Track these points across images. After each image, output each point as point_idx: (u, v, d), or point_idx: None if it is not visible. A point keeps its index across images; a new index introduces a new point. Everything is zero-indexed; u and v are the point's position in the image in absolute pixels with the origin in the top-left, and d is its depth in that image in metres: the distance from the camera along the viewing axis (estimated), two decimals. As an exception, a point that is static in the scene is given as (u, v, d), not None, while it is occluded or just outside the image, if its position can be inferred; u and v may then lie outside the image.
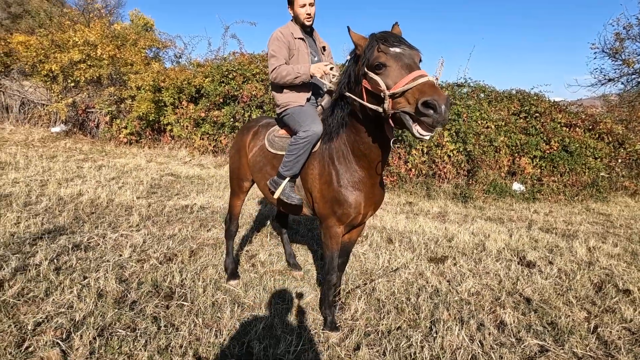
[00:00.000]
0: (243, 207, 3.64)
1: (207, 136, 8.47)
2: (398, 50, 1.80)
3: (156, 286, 2.70)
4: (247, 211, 4.84)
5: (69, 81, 8.70)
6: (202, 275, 2.94)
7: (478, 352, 2.23)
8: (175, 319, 2.34)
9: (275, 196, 2.46)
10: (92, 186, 5.12)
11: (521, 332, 2.49)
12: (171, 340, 2.12)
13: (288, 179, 2.42)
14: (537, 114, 8.26)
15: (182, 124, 8.50)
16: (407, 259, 3.63)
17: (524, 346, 2.33)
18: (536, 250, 4.16)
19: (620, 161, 8.49)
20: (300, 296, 2.78)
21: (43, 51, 8.63)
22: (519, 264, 3.75)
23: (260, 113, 7.98)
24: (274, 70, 2.51)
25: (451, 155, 7.33)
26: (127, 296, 2.53)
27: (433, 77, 1.71)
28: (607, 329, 2.58)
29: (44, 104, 9.37)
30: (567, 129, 8.31)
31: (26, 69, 9.17)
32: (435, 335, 2.38)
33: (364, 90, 1.90)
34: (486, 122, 7.70)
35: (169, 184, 5.95)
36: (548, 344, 2.38)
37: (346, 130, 2.17)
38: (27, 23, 16.14)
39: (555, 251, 4.19)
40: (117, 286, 2.60)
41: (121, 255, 3.13)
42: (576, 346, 2.36)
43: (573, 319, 2.69)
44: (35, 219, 3.71)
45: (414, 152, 7.28)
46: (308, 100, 2.58)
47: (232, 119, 8.10)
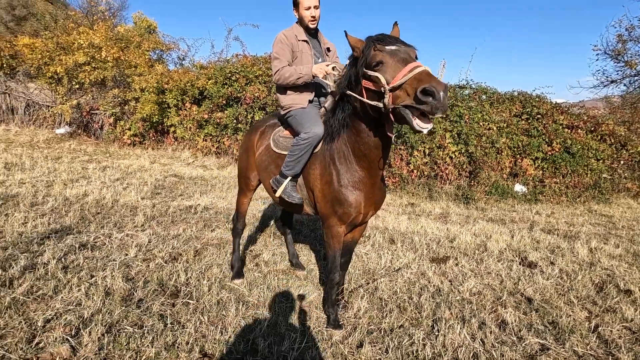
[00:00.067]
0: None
1: (210, 138, 8.52)
2: (394, 47, 1.87)
3: (162, 285, 2.75)
4: (251, 212, 4.88)
5: (74, 83, 8.78)
6: (206, 274, 2.98)
7: (479, 350, 2.26)
8: (181, 316, 2.38)
9: (277, 194, 2.54)
10: (97, 187, 5.17)
11: (522, 331, 2.52)
12: (177, 337, 2.16)
13: (289, 178, 2.49)
14: (539, 116, 8.28)
15: (185, 125, 8.56)
16: (409, 259, 3.66)
17: (525, 344, 2.36)
18: (538, 251, 4.18)
19: (622, 163, 8.49)
20: (304, 295, 2.82)
21: (48, 53, 8.72)
22: (520, 264, 3.77)
23: (263, 115, 8.03)
24: (276, 72, 2.57)
25: (453, 156, 7.35)
26: (133, 294, 2.57)
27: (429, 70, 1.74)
28: (607, 328, 2.61)
29: (48, 106, 9.45)
30: (569, 130, 8.32)
31: (31, 71, 9.26)
32: (437, 333, 2.41)
33: (364, 90, 1.96)
34: (488, 124, 7.73)
35: (173, 185, 6.00)
36: (549, 342, 2.40)
37: (347, 131, 2.22)
38: (31, 25, 16.28)
39: (557, 252, 4.21)
40: (123, 284, 2.64)
41: (127, 255, 3.17)
42: (577, 345, 2.38)
43: (574, 319, 2.72)
44: (42, 218, 3.76)
45: (416, 153, 7.30)
46: (311, 102, 2.62)
47: (235, 121, 8.16)
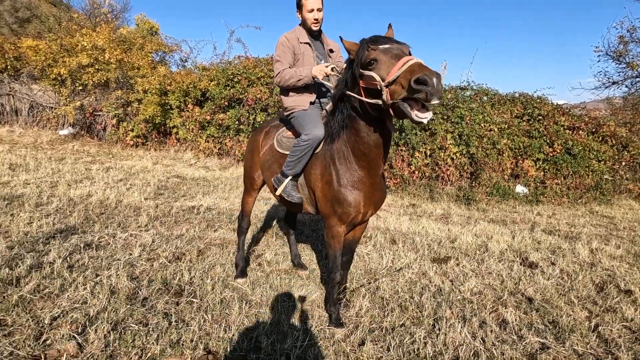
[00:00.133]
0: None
1: (212, 139, 8.57)
2: (387, 46, 1.93)
3: (166, 284, 2.78)
4: (253, 212, 4.90)
5: (77, 85, 8.85)
6: (210, 274, 3.01)
7: (480, 349, 2.28)
8: (185, 315, 2.41)
9: (277, 193, 2.61)
10: (101, 187, 5.22)
11: (522, 330, 2.54)
12: (182, 334, 2.19)
13: (290, 177, 2.54)
14: (540, 117, 8.30)
15: (187, 126, 8.62)
16: (410, 259, 3.68)
17: (525, 343, 2.38)
18: (539, 252, 4.20)
19: (624, 164, 8.49)
20: (306, 294, 2.85)
21: (52, 55, 8.80)
22: (521, 264, 3.79)
23: (265, 116, 8.08)
24: (278, 74, 2.63)
25: (454, 157, 7.38)
26: (138, 293, 2.60)
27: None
28: (607, 327, 2.62)
29: (52, 107, 9.53)
30: (571, 131, 8.33)
31: (35, 73, 9.34)
32: (438, 332, 2.43)
33: (362, 90, 2.01)
34: (489, 125, 7.75)
35: (175, 186, 6.04)
36: (549, 341, 2.42)
37: (346, 131, 2.26)
38: (35, 27, 16.39)
39: (558, 252, 4.22)
40: (128, 283, 2.68)
41: (131, 254, 3.21)
42: (577, 344, 2.40)
43: (574, 318, 2.74)
44: (47, 219, 3.80)
45: (417, 154, 7.33)
46: (312, 104, 2.66)
47: (237, 122, 8.20)
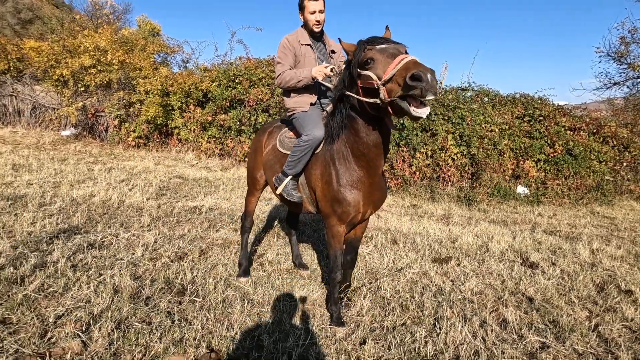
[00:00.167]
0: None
1: (214, 139, 8.60)
2: (383, 45, 1.97)
3: (169, 283, 2.80)
4: (255, 213, 4.93)
5: (80, 86, 8.90)
6: (212, 273, 3.03)
7: (480, 348, 2.29)
8: (188, 313, 2.43)
9: (277, 192, 2.66)
10: (103, 188, 5.25)
11: (523, 330, 2.55)
12: (185, 333, 2.21)
13: (290, 177, 2.58)
14: (541, 118, 8.30)
15: (189, 127, 8.65)
16: (411, 259, 3.70)
17: (526, 342, 2.39)
18: (539, 252, 4.21)
19: (625, 165, 8.50)
20: (307, 294, 2.87)
21: (54, 56, 8.85)
22: (522, 264, 3.80)
23: (266, 117, 8.11)
24: (278, 76, 2.67)
25: (455, 158, 7.39)
26: (141, 292, 2.63)
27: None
28: (608, 327, 2.64)
29: (54, 108, 9.58)
30: (571, 132, 8.34)
31: (38, 74, 9.40)
32: (438, 331, 2.45)
33: (360, 89, 2.04)
34: (490, 126, 7.76)
35: (177, 186, 6.07)
36: (549, 340, 2.44)
37: (346, 132, 2.29)
38: (37, 29, 16.47)
39: (559, 253, 4.23)
40: (131, 282, 2.70)
41: (134, 254, 3.23)
42: (577, 343, 2.41)
43: (574, 318, 2.75)
44: (50, 218, 3.83)
45: (418, 155, 7.35)
46: (313, 105, 2.69)
47: (238, 123, 8.24)
